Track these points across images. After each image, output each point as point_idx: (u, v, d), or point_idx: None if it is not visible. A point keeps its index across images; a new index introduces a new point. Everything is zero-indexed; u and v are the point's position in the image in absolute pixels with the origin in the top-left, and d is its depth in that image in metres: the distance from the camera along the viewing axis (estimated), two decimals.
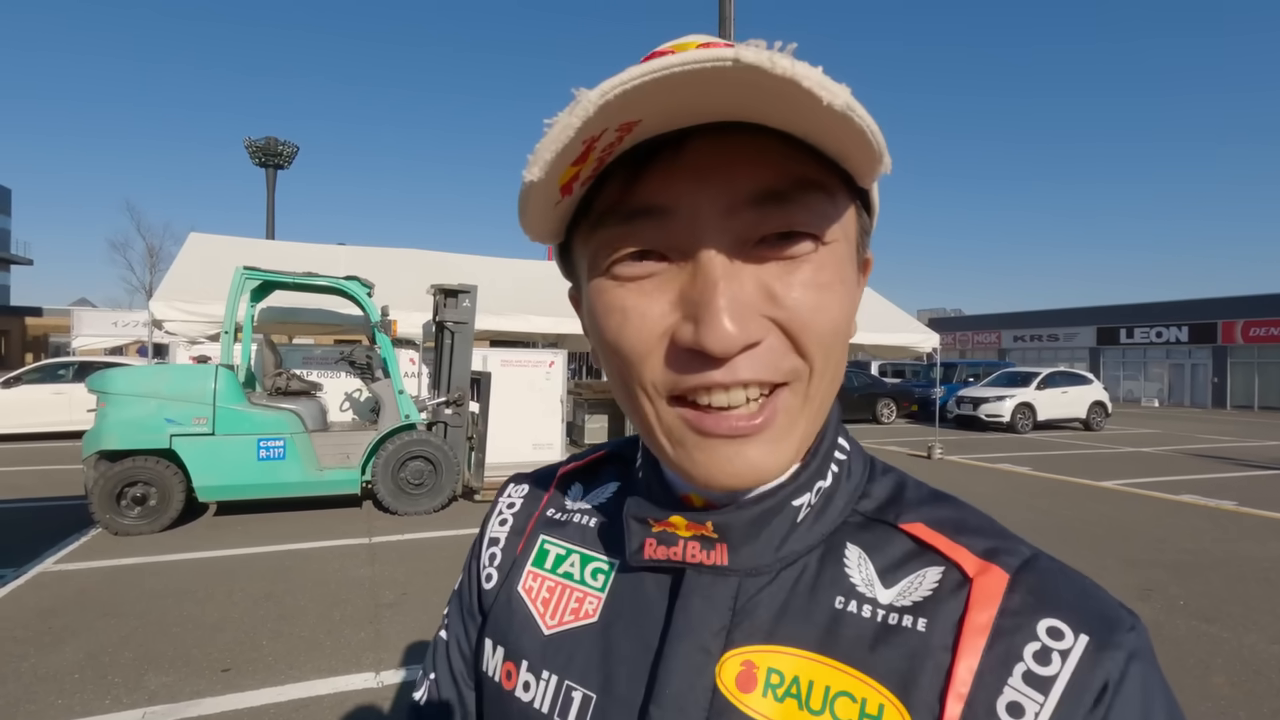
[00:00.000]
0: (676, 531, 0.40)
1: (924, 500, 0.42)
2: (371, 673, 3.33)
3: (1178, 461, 11.21)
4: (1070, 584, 0.37)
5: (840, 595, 0.39)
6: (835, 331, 0.36)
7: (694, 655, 0.38)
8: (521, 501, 0.53)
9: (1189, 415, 22.70)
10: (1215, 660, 3.61)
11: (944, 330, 32.09)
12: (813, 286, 0.34)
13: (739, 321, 0.33)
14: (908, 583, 0.38)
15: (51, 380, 11.76)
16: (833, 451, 0.42)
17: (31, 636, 3.68)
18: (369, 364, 7.05)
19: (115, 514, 5.63)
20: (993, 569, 0.37)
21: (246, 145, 32.34)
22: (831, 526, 0.41)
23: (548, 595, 0.46)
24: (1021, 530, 6.02)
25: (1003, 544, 0.39)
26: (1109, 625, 0.35)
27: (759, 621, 0.39)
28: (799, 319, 0.34)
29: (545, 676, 0.43)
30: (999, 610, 0.36)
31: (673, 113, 0.30)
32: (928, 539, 0.39)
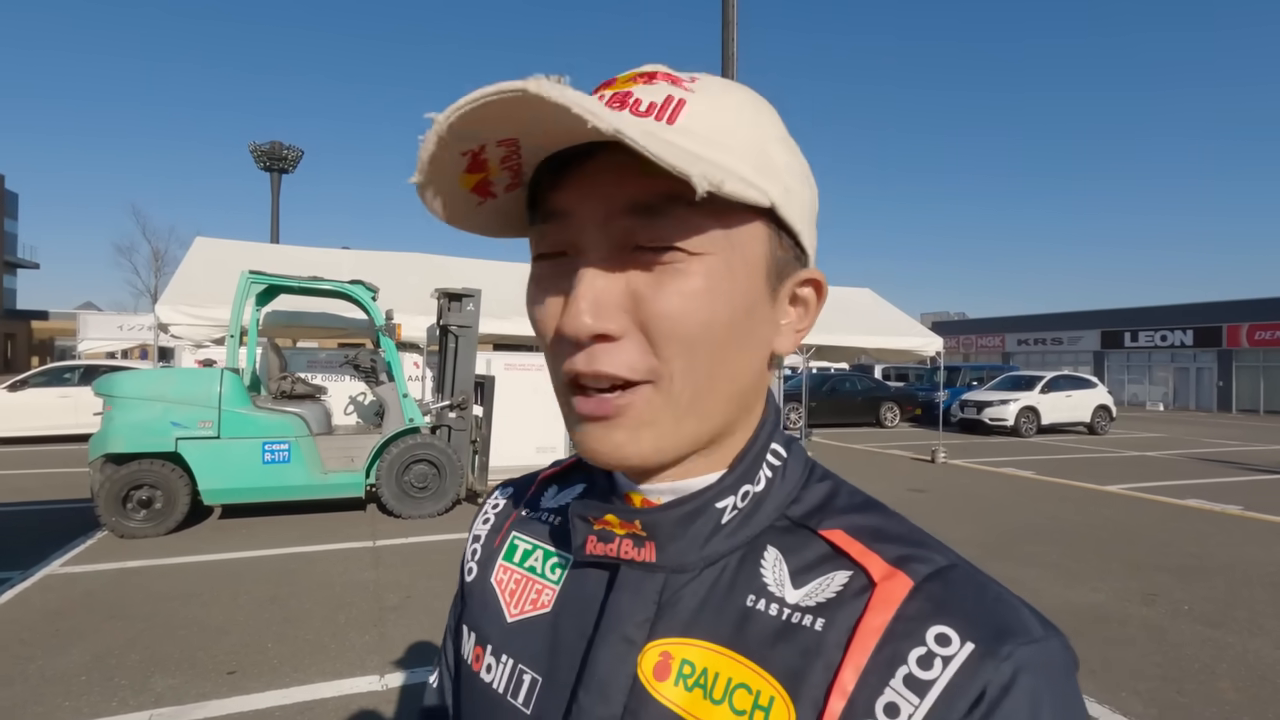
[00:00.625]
0: (612, 529, 0.43)
1: (850, 508, 0.44)
2: (376, 675, 3.34)
3: (1183, 465, 11.17)
4: (976, 595, 0.38)
5: (753, 594, 0.41)
6: (696, 335, 0.37)
7: (619, 645, 0.41)
8: (504, 503, 0.57)
9: (1194, 419, 22.62)
10: (1220, 666, 3.60)
11: (947, 334, 32.01)
12: (676, 294, 0.37)
13: (595, 313, 0.37)
14: (815, 584, 0.40)
15: (57, 384, 11.83)
16: (764, 457, 0.44)
17: (39, 638, 3.70)
18: (373, 368, 7.07)
19: (121, 517, 5.66)
20: (898, 575, 0.38)
21: (251, 149, 32.48)
22: (758, 529, 0.43)
23: (514, 587, 0.50)
24: (1026, 534, 5.98)
25: (917, 553, 0.40)
26: (1000, 635, 0.35)
27: (679, 615, 0.41)
28: (656, 322, 0.37)
29: (504, 660, 0.47)
30: (895, 615, 0.37)
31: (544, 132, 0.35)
32: (842, 544, 0.41)
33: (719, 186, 0.34)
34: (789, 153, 0.41)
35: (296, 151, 33.08)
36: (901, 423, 17.29)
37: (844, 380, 17.25)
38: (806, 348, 10.67)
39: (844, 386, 17.00)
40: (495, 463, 7.54)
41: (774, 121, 0.42)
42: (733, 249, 0.38)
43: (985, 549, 5.78)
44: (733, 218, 0.38)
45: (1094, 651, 3.73)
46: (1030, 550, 5.76)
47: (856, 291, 13.13)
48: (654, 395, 0.38)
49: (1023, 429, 15.25)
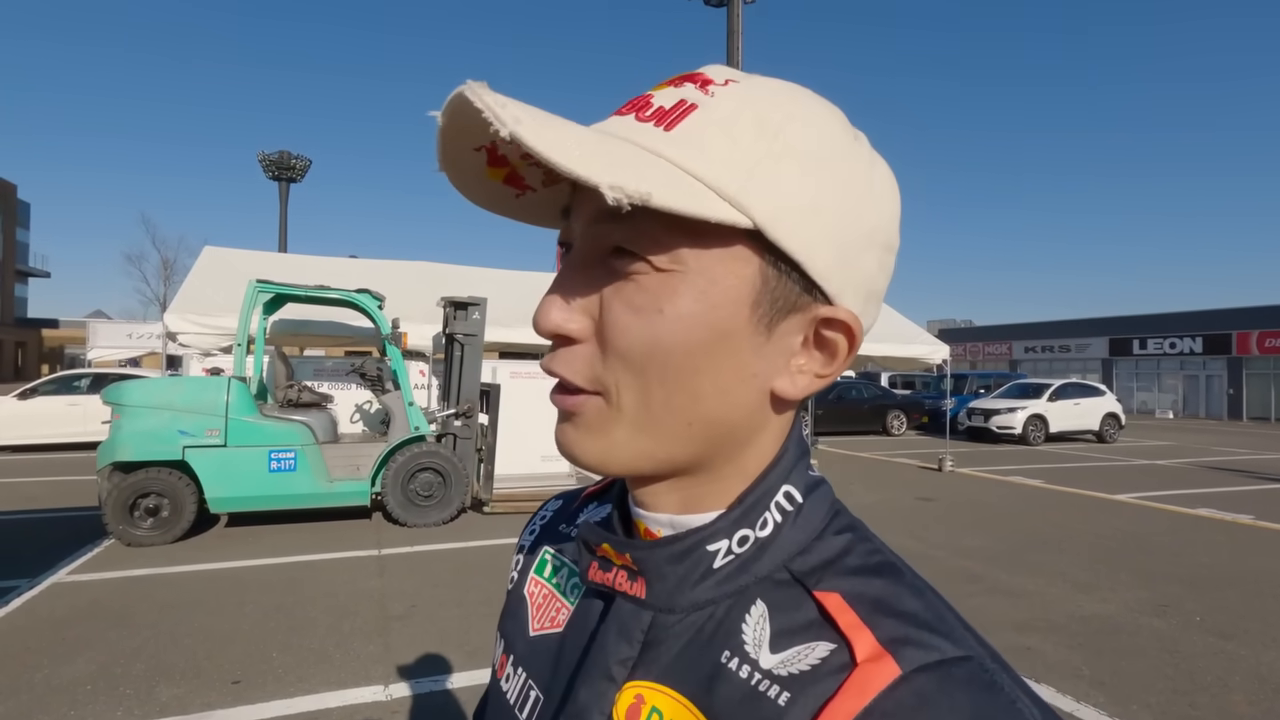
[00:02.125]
0: (610, 558, 0.42)
1: (860, 570, 0.38)
2: (380, 685, 3.33)
3: (1193, 474, 11.07)
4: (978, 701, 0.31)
5: (729, 650, 0.37)
6: (641, 356, 0.36)
7: (600, 681, 0.40)
8: (552, 514, 0.57)
9: (1204, 427, 22.44)
10: (1233, 678, 3.55)
11: (954, 341, 31.94)
12: (626, 306, 0.36)
13: (558, 310, 0.37)
14: (794, 652, 0.36)
15: (67, 392, 11.91)
16: (772, 500, 0.40)
17: (45, 647, 3.71)
18: (379, 376, 7.10)
19: (128, 525, 5.68)
20: (885, 659, 0.33)
21: (260, 159, 32.75)
22: (755, 579, 0.39)
23: (542, 601, 0.50)
24: (1034, 544, 5.94)
25: (919, 636, 0.34)
26: None
27: (659, 659, 0.39)
28: (606, 332, 0.36)
29: (519, 672, 0.48)
30: (869, 706, 0.31)
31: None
32: (834, 611, 0.36)
33: (642, 198, 0.31)
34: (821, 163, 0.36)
35: (305, 161, 33.33)
36: (908, 431, 17.23)
37: (850, 388, 17.20)
38: None
39: (850, 394, 16.95)
40: (500, 471, 7.54)
41: (805, 128, 0.37)
42: (705, 270, 0.35)
43: (994, 558, 5.74)
44: (710, 238, 0.35)
45: (1104, 663, 3.69)
46: (1039, 560, 5.71)
47: None
48: (603, 406, 0.37)
49: (1030, 437, 15.16)
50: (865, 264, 0.38)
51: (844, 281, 0.37)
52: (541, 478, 8.98)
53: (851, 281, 0.38)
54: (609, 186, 0.30)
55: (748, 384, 0.37)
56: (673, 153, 0.34)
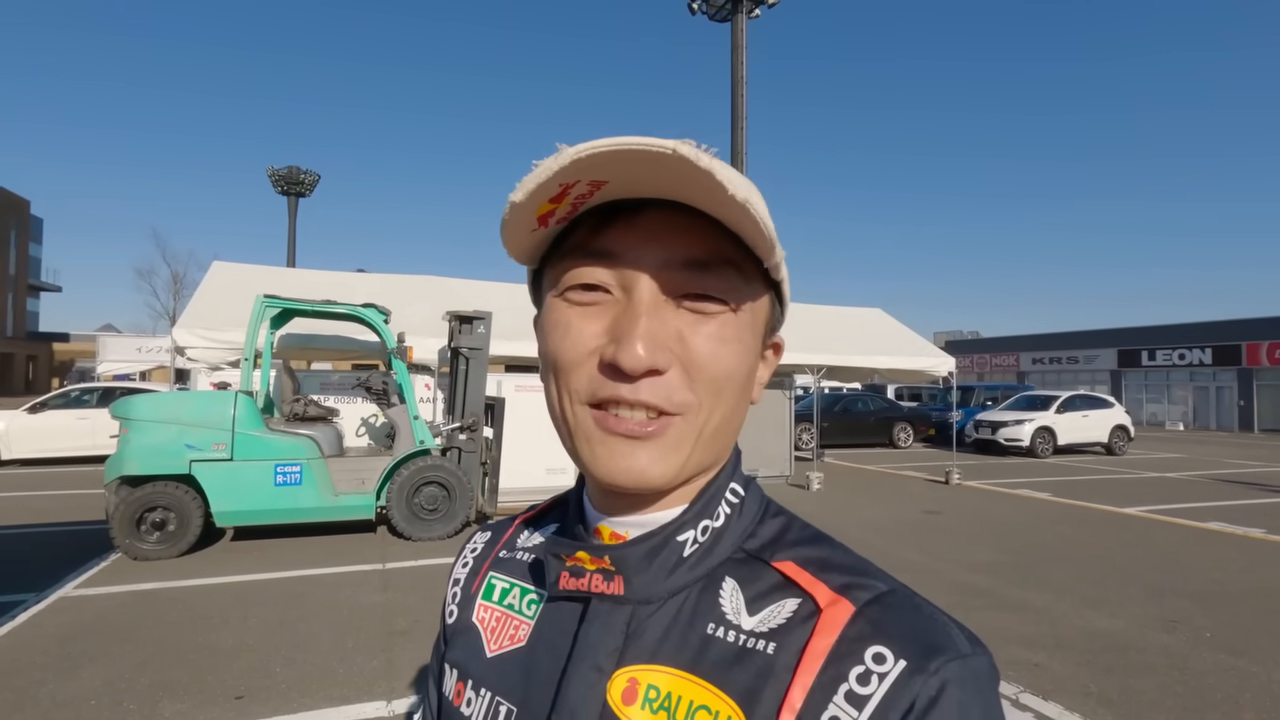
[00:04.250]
0: (584, 565, 0.46)
1: (801, 541, 0.48)
2: (383, 701, 3.33)
3: (1204, 487, 10.96)
4: (911, 617, 0.41)
5: (712, 622, 0.44)
6: (725, 378, 0.43)
7: (589, 674, 0.44)
8: (481, 546, 0.60)
9: (1215, 439, 22.23)
10: (1244, 695, 3.50)
11: (961, 353, 31.85)
12: (714, 339, 0.42)
13: (649, 349, 0.41)
14: (768, 612, 0.43)
15: (76, 406, 12.00)
16: (723, 494, 0.48)
17: (51, 662, 3.73)
18: (385, 390, 7.13)
19: (135, 539, 5.71)
20: (841, 601, 0.42)
21: (270, 174, 33.16)
22: (718, 561, 0.46)
23: (494, 624, 0.53)
24: (1042, 557, 5.90)
25: (859, 580, 0.43)
26: (929, 652, 0.39)
27: (645, 644, 0.44)
28: (697, 361, 0.42)
29: (483, 693, 0.50)
30: (838, 637, 0.41)
31: (633, 182, 0.39)
32: (792, 574, 0.45)
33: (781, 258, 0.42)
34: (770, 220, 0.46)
35: (313, 176, 33.72)
36: (915, 443, 17.13)
37: (856, 400, 17.14)
38: (818, 368, 10.63)
39: (856, 407, 16.89)
40: (505, 484, 7.55)
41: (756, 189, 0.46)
42: (752, 308, 0.45)
43: (1001, 573, 5.69)
44: (756, 283, 0.44)
45: (1112, 680, 3.65)
46: (1047, 574, 5.66)
47: (867, 311, 13.10)
48: (683, 425, 0.42)
49: (1038, 450, 15.05)
50: None
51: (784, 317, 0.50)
52: (545, 491, 8.96)
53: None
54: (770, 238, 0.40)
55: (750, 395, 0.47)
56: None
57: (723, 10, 15.74)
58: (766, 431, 10.91)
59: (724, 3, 15.60)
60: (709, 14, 15.94)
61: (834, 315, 12.40)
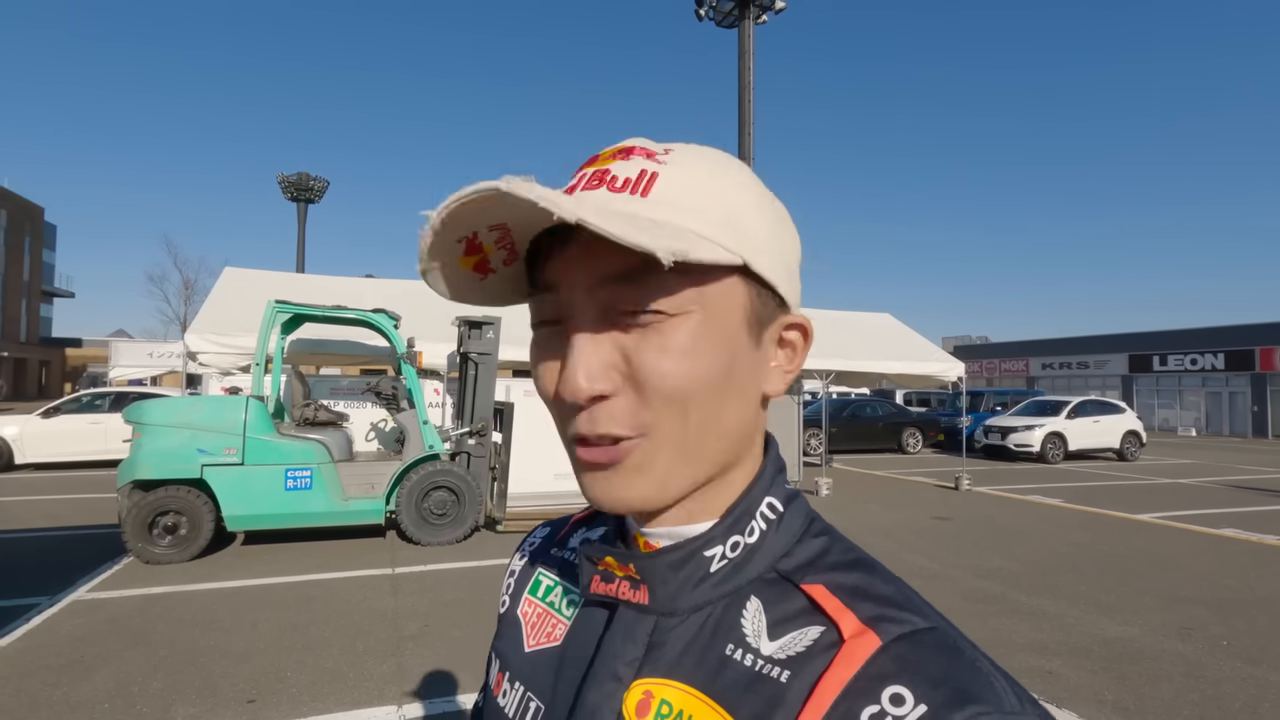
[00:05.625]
0: (613, 570, 0.46)
1: (838, 565, 0.44)
2: (394, 706, 3.33)
3: (1217, 493, 10.85)
4: (945, 660, 0.37)
5: (732, 643, 0.42)
6: (681, 389, 0.40)
7: (608, 682, 0.44)
8: (540, 540, 0.62)
9: (1228, 445, 22.00)
10: (1262, 705, 3.46)
11: (970, 358, 31.65)
12: (661, 351, 0.40)
13: (588, 376, 0.40)
14: (790, 638, 0.41)
15: (89, 411, 12.11)
16: (757, 510, 0.46)
17: (64, 665, 3.75)
18: (394, 395, 7.16)
19: (147, 543, 5.74)
20: (868, 634, 0.38)
21: (280, 180, 33.39)
22: (747, 579, 0.44)
23: (536, 620, 0.54)
24: (1054, 565, 5.84)
25: (893, 614, 0.40)
26: (958, 701, 0.34)
27: (665, 657, 0.43)
28: (646, 379, 0.40)
29: (517, 687, 0.51)
30: (857, 673, 0.37)
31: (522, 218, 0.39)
32: (820, 600, 0.42)
33: (685, 255, 0.36)
34: (760, 209, 0.44)
35: (323, 182, 33.93)
36: (924, 448, 17.05)
37: (865, 405, 17.08)
38: (826, 373, 10.59)
39: (865, 412, 16.83)
40: (514, 489, 7.56)
41: (744, 182, 0.44)
42: (710, 306, 0.41)
43: (1013, 580, 5.65)
44: (707, 277, 0.40)
45: (1128, 688, 3.61)
46: (1059, 581, 5.62)
47: (876, 316, 13.06)
48: (648, 445, 0.41)
49: (1049, 455, 14.95)
50: (797, 279, 0.47)
51: (792, 293, 0.46)
52: (555, 496, 8.96)
53: (795, 293, 0.46)
54: (665, 251, 0.35)
55: (752, 393, 0.44)
56: (661, 214, 0.40)
57: (729, 17, 15.79)
58: (775, 437, 10.87)
59: (731, 9, 15.64)
60: (716, 20, 15.99)
61: (843, 320, 12.37)
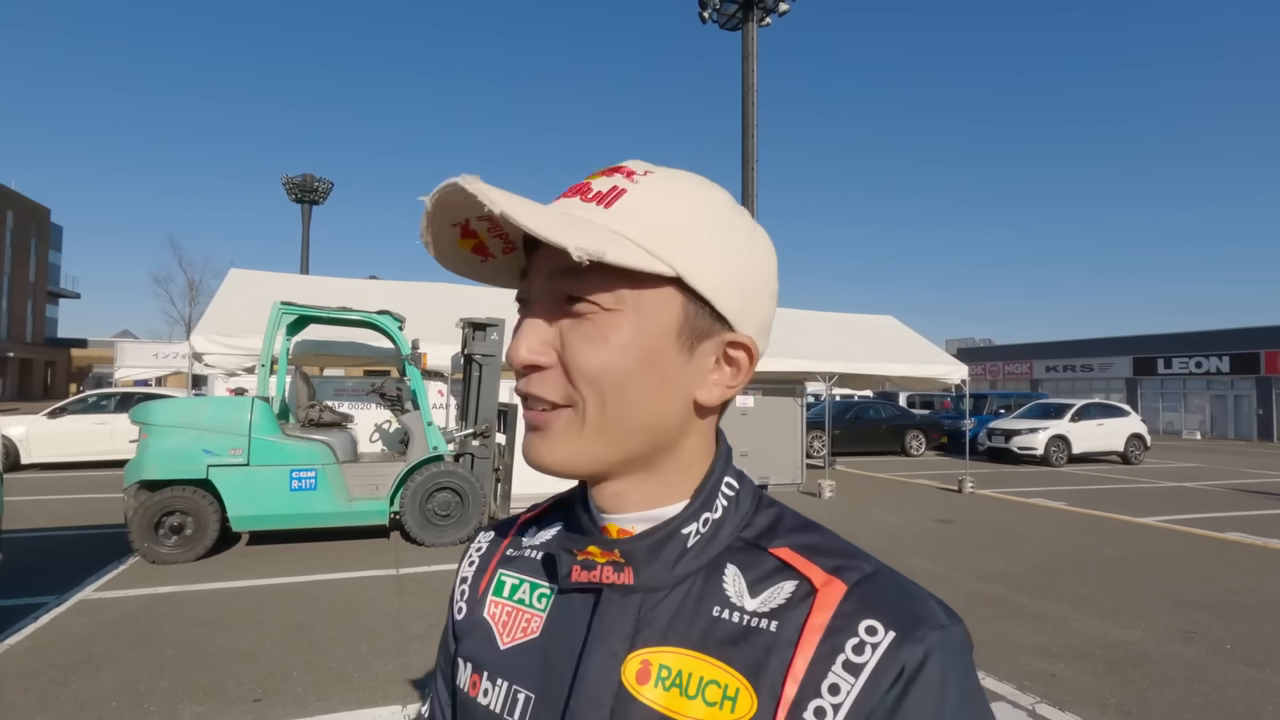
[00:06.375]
0: (594, 558, 0.50)
1: (794, 529, 0.52)
2: (399, 705, 3.35)
3: (1222, 497, 10.83)
4: (897, 593, 0.46)
5: (717, 605, 0.48)
6: (597, 374, 0.46)
7: (605, 657, 0.48)
8: (486, 545, 0.63)
9: (1233, 448, 21.93)
10: (1266, 709, 3.46)
11: (973, 361, 31.60)
12: (583, 338, 0.46)
13: (527, 347, 0.47)
14: (768, 593, 0.48)
15: (95, 411, 12.17)
16: (719, 488, 0.52)
17: (72, 663, 3.78)
18: (399, 396, 7.19)
19: (153, 543, 5.78)
20: (834, 581, 0.46)
21: (284, 182, 33.54)
22: (718, 550, 0.50)
23: (505, 618, 0.56)
24: (1057, 568, 5.84)
25: (848, 563, 0.48)
26: (915, 624, 0.44)
27: (655, 628, 0.48)
28: (569, 359, 0.47)
29: (499, 683, 0.53)
30: (834, 614, 0.45)
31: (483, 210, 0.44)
32: (789, 559, 0.49)
33: (599, 255, 0.42)
34: (718, 229, 0.48)
35: (327, 184, 34.08)
36: (927, 451, 17.03)
37: (868, 408, 17.07)
38: (829, 375, 10.60)
39: (868, 414, 16.81)
40: (517, 490, 7.57)
41: (708, 204, 0.49)
42: (641, 308, 0.46)
43: (1016, 582, 5.65)
44: (642, 283, 0.46)
45: (1130, 691, 3.61)
46: (1062, 584, 5.62)
47: (879, 319, 13.06)
48: (572, 416, 0.47)
49: (1053, 458, 14.92)
50: (759, 301, 0.50)
51: (743, 314, 0.49)
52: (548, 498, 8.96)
53: (749, 314, 0.50)
54: (575, 247, 0.41)
55: (675, 394, 0.48)
56: (614, 224, 0.46)
57: (733, 19, 15.83)
58: (778, 439, 10.87)
59: (734, 11, 15.68)
60: (720, 23, 16.03)
61: (846, 323, 12.37)
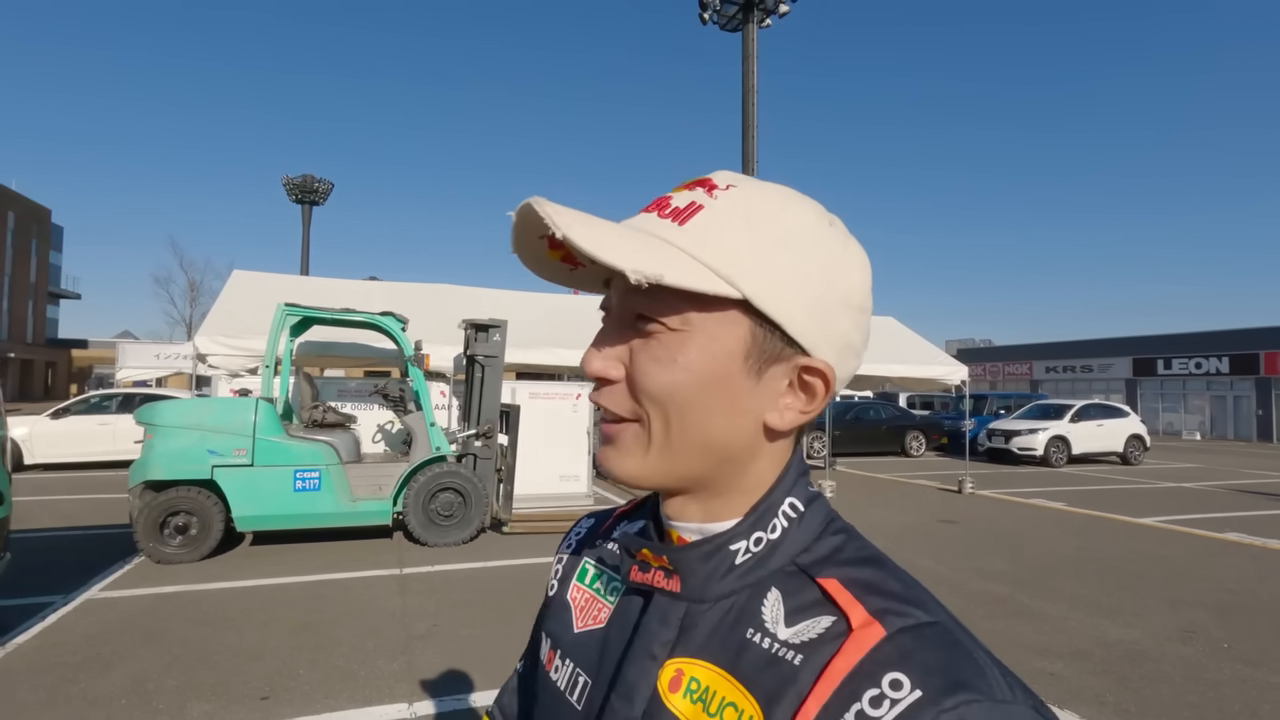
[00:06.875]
0: (649, 561, 0.52)
1: (852, 561, 0.48)
2: (404, 704, 3.39)
3: (1221, 497, 10.86)
4: (945, 651, 0.41)
5: (752, 628, 0.47)
6: (661, 393, 0.46)
7: (645, 660, 0.50)
8: (585, 531, 0.68)
9: (1233, 449, 21.96)
10: (1262, 708, 3.50)
11: (973, 361, 31.64)
12: (650, 357, 0.47)
13: (598, 359, 0.48)
14: (804, 625, 0.46)
15: (97, 411, 12.20)
16: (778, 509, 0.50)
17: (81, 662, 3.82)
18: (401, 397, 7.23)
19: (158, 543, 5.81)
20: (874, 625, 0.43)
21: (284, 183, 33.58)
22: (769, 571, 0.49)
23: (584, 604, 0.60)
24: (1056, 568, 5.86)
25: (900, 608, 0.44)
26: (950, 688, 0.38)
27: (694, 639, 0.49)
28: (635, 376, 0.47)
29: (567, 663, 0.57)
30: (862, 659, 0.41)
31: None
32: (833, 592, 0.46)
33: (657, 278, 0.42)
34: (796, 251, 0.46)
35: (327, 184, 34.12)
36: (927, 452, 17.06)
37: (868, 409, 17.09)
38: None
39: (868, 415, 16.84)
40: (520, 491, 7.62)
41: (785, 224, 0.47)
42: (707, 330, 0.46)
43: (1016, 583, 5.68)
44: (710, 305, 0.45)
45: (1129, 690, 3.65)
46: (1061, 584, 5.65)
47: (879, 320, 13.09)
48: (638, 431, 0.48)
49: (1053, 459, 14.96)
50: (839, 323, 0.48)
51: (820, 337, 0.47)
52: (560, 498, 9.03)
53: (827, 337, 0.48)
54: (631, 270, 0.42)
55: (743, 417, 0.48)
56: (685, 242, 0.46)
57: (733, 20, 15.86)
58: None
59: (734, 13, 15.72)
60: (720, 24, 16.06)
61: None
